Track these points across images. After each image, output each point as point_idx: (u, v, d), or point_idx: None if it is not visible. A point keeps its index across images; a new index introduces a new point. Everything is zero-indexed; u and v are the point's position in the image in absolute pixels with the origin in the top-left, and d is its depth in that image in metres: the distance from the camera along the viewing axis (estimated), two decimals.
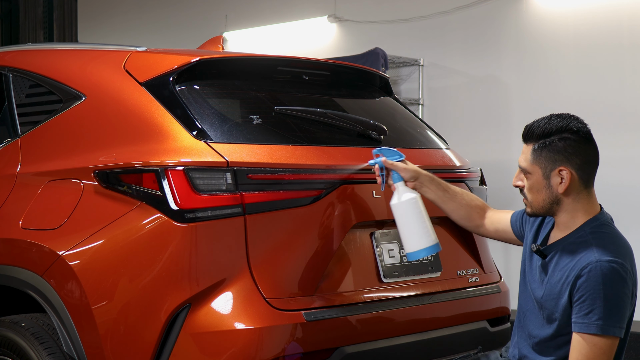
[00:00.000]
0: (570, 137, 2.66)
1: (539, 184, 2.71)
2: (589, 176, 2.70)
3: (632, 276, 2.60)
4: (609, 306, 2.53)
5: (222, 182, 2.88)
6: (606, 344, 2.54)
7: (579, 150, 2.66)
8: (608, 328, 2.53)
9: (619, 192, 6.18)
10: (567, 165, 2.66)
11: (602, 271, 2.55)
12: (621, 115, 6.21)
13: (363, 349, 3.06)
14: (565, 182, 2.66)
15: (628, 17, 6.18)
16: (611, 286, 2.54)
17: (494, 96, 6.83)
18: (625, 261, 2.58)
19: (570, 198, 2.69)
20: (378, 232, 3.26)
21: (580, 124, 2.71)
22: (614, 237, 2.67)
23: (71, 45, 4.35)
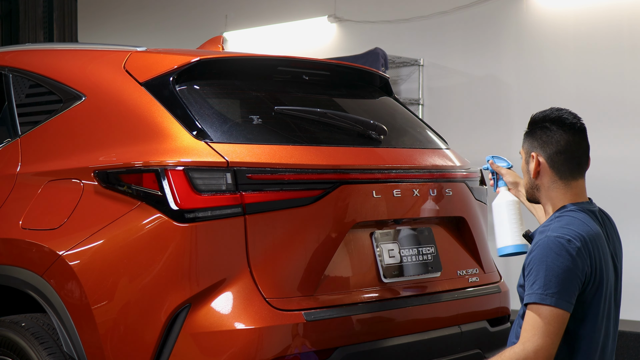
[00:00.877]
0: (551, 127, 2.78)
1: (524, 168, 2.85)
2: (564, 167, 2.77)
3: (582, 255, 2.58)
4: (549, 277, 2.55)
5: (222, 182, 2.88)
6: (549, 313, 2.52)
7: (553, 140, 2.76)
8: (546, 297, 2.53)
9: (619, 190, 6.18)
10: (539, 152, 2.77)
11: (547, 244, 2.59)
12: (621, 114, 6.21)
13: (363, 349, 3.06)
14: (533, 168, 2.77)
15: (628, 17, 6.18)
16: (554, 258, 2.56)
17: (494, 96, 6.83)
18: (575, 239, 2.58)
19: (544, 186, 2.78)
20: (378, 232, 3.26)
21: (568, 117, 2.81)
22: (574, 219, 2.68)
23: (71, 45, 4.35)
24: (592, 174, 6.43)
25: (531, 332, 2.53)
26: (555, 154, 2.76)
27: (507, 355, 2.53)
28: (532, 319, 2.55)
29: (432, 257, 3.41)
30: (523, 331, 2.56)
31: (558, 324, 2.54)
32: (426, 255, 3.40)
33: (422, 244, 3.40)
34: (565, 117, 2.80)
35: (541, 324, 2.53)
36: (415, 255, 3.36)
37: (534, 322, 2.54)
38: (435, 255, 3.43)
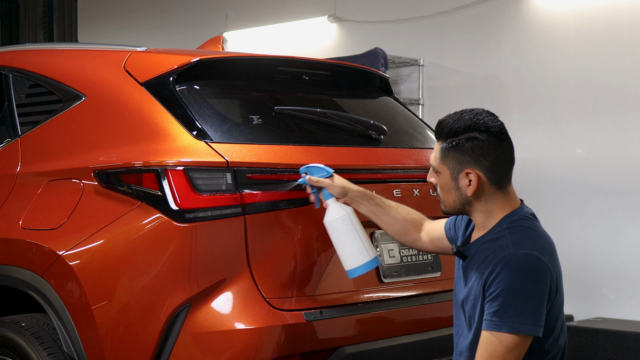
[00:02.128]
0: (479, 136, 2.49)
1: (448, 184, 2.57)
2: (502, 177, 2.53)
3: (549, 270, 2.41)
4: (520, 303, 2.36)
5: (222, 182, 2.87)
6: (515, 342, 2.36)
7: (488, 151, 2.49)
8: (519, 326, 2.36)
9: (619, 190, 6.19)
10: (474, 168, 2.50)
11: (513, 265, 2.38)
12: (621, 114, 6.21)
13: (363, 349, 3.06)
14: (473, 185, 2.51)
15: (628, 17, 6.18)
16: (523, 281, 2.37)
17: (494, 96, 6.83)
18: (541, 254, 2.41)
19: (481, 200, 2.54)
20: (378, 232, 3.26)
21: (492, 121, 2.52)
22: (531, 230, 2.49)
23: (71, 45, 4.35)
24: (592, 174, 6.45)
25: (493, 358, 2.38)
26: (494, 165, 2.50)
27: None
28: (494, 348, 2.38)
29: (432, 257, 3.41)
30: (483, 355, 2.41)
31: (521, 352, 2.40)
32: (426, 255, 3.39)
33: None
34: (490, 123, 2.50)
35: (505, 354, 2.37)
36: (415, 255, 3.36)
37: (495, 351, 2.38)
38: (435, 255, 3.43)
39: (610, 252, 6.23)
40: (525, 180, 6.59)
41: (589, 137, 6.35)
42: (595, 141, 6.33)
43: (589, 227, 6.30)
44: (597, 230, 6.27)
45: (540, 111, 6.58)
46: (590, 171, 6.33)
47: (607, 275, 6.23)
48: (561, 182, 6.43)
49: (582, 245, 6.32)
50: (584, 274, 6.32)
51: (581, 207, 6.33)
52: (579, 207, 6.34)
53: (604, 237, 6.25)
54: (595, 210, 6.28)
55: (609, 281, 6.23)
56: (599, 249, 6.27)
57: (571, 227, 6.37)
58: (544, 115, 6.56)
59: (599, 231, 6.27)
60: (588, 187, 6.33)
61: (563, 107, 6.50)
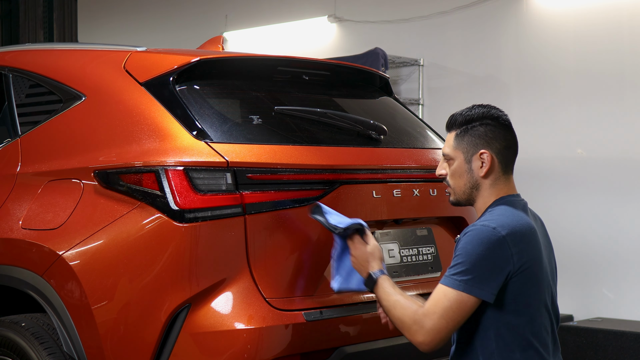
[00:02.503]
0: (491, 122, 2.74)
1: (461, 168, 2.75)
2: (508, 162, 2.75)
3: (506, 244, 2.55)
4: (467, 264, 2.54)
5: (222, 182, 2.88)
6: (455, 297, 2.54)
7: (499, 136, 2.73)
8: (459, 284, 2.54)
9: (619, 190, 6.19)
10: (487, 149, 2.72)
11: (472, 232, 2.58)
12: (621, 114, 6.21)
13: (363, 349, 3.06)
14: (487, 165, 2.71)
15: (628, 17, 6.18)
16: (474, 246, 2.55)
17: (494, 96, 6.83)
18: (502, 229, 2.57)
19: (488, 182, 2.73)
20: (378, 232, 3.26)
21: (500, 112, 2.78)
22: (506, 210, 2.67)
23: (71, 45, 4.34)
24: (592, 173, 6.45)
25: (433, 309, 2.55)
26: (504, 148, 2.74)
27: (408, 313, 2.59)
28: (439, 298, 2.56)
29: (432, 257, 3.41)
30: (427, 303, 2.58)
31: (461, 311, 2.55)
32: (426, 255, 3.40)
33: (422, 244, 3.40)
34: (500, 114, 2.77)
35: (445, 307, 2.54)
36: (415, 255, 3.36)
37: (439, 302, 2.55)
38: (435, 255, 3.43)
39: (610, 252, 6.23)
40: (526, 180, 6.59)
41: (589, 136, 6.35)
42: (595, 140, 6.33)
43: (589, 226, 6.30)
44: (597, 230, 6.27)
45: (540, 111, 6.58)
46: (590, 171, 6.33)
47: (607, 275, 6.23)
48: (561, 182, 6.43)
49: (582, 245, 6.33)
50: (584, 274, 6.32)
51: (581, 206, 6.33)
52: (579, 206, 6.34)
53: (604, 237, 6.25)
54: (596, 210, 6.28)
55: (609, 281, 6.23)
56: (599, 249, 6.27)
57: (571, 227, 6.37)
58: (544, 115, 6.56)
59: (599, 231, 6.27)
60: (588, 187, 6.33)
61: (563, 107, 6.50)
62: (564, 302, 6.48)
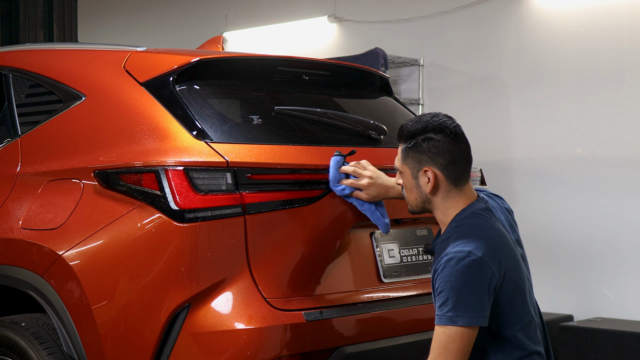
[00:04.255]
0: (434, 137, 2.67)
1: (410, 183, 2.75)
2: (457, 175, 2.70)
3: (484, 264, 2.54)
4: (456, 297, 2.52)
5: (222, 182, 2.87)
6: (456, 332, 2.52)
7: (443, 150, 2.67)
8: (457, 319, 2.52)
9: (619, 193, 6.19)
10: (431, 166, 2.68)
11: (449, 263, 2.55)
12: (621, 115, 6.21)
13: (363, 349, 3.06)
14: (431, 182, 2.68)
15: (628, 18, 6.18)
16: (457, 277, 2.53)
17: (494, 96, 6.83)
18: (476, 250, 2.54)
19: (439, 197, 2.71)
20: (378, 232, 3.26)
21: (448, 122, 2.70)
22: (474, 227, 2.63)
23: (71, 45, 4.34)
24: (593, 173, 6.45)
25: (438, 352, 2.54)
26: (450, 163, 2.68)
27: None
28: (440, 339, 2.54)
29: (432, 257, 3.41)
30: (432, 350, 2.57)
31: (468, 341, 2.54)
32: (426, 255, 3.40)
33: (422, 244, 3.40)
34: (445, 124, 2.69)
35: (450, 345, 2.53)
36: (415, 255, 3.36)
37: (442, 343, 2.54)
38: None
39: (610, 252, 6.23)
40: (526, 180, 6.59)
41: (589, 136, 6.35)
42: (595, 140, 6.33)
43: (589, 226, 6.30)
44: (597, 230, 6.27)
45: (540, 111, 6.58)
46: (590, 171, 6.33)
47: (607, 275, 6.23)
48: (561, 182, 6.43)
49: (582, 245, 6.32)
50: (584, 274, 6.32)
51: (581, 206, 6.33)
52: (579, 206, 6.34)
53: (604, 237, 6.25)
54: (595, 210, 6.27)
55: (609, 281, 6.23)
56: (599, 249, 6.27)
57: (571, 227, 6.37)
58: (544, 115, 6.56)
59: (599, 231, 6.27)
60: (588, 187, 6.33)
61: (563, 107, 6.50)
62: (564, 302, 6.49)
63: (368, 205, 3.07)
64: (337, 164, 3.04)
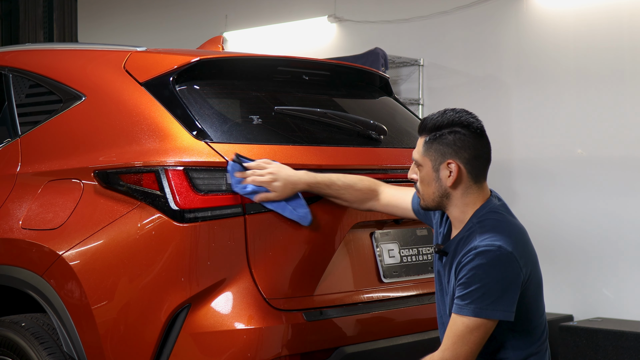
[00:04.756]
0: (461, 130, 2.65)
1: (429, 176, 2.71)
2: (479, 171, 2.69)
3: (514, 258, 2.54)
4: (484, 289, 2.51)
5: (222, 182, 2.88)
6: (476, 324, 2.52)
7: (468, 145, 2.65)
8: (481, 311, 2.51)
9: (619, 193, 6.19)
10: (455, 159, 2.65)
11: (478, 256, 2.54)
12: (621, 115, 6.21)
13: (363, 349, 3.06)
14: (453, 175, 2.66)
15: (628, 18, 6.18)
16: (488, 269, 2.52)
17: (494, 96, 6.83)
18: (505, 244, 2.54)
19: (458, 192, 2.68)
20: (378, 232, 3.26)
21: (472, 118, 2.69)
22: (498, 222, 2.63)
23: (71, 45, 4.34)
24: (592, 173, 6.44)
25: (452, 340, 2.54)
26: (473, 158, 2.67)
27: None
28: (458, 329, 2.54)
29: (432, 257, 3.41)
30: (446, 338, 2.56)
31: (483, 334, 2.54)
32: (426, 255, 3.40)
33: (422, 244, 3.40)
34: (472, 120, 2.68)
35: (466, 334, 2.53)
36: (415, 255, 3.36)
37: (457, 331, 2.53)
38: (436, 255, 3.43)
39: (610, 252, 6.23)
40: (525, 180, 6.59)
41: (589, 136, 6.35)
42: (595, 140, 6.33)
43: (589, 226, 6.30)
44: (597, 230, 6.27)
45: (540, 111, 6.58)
46: (590, 171, 6.33)
47: (607, 275, 6.23)
48: (561, 182, 6.43)
49: (582, 245, 6.32)
50: (584, 274, 6.32)
51: (581, 206, 6.33)
52: (579, 206, 6.34)
53: (604, 237, 6.24)
54: (596, 210, 6.27)
55: (609, 281, 6.23)
56: (599, 249, 6.26)
57: (571, 227, 6.36)
58: (544, 115, 6.56)
59: (599, 231, 6.26)
60: (588, 187, 6.33)
61: (563, 107, 6.49)
62: (564, 302, 6.49)
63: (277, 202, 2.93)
64: (233, 168, 2.89)
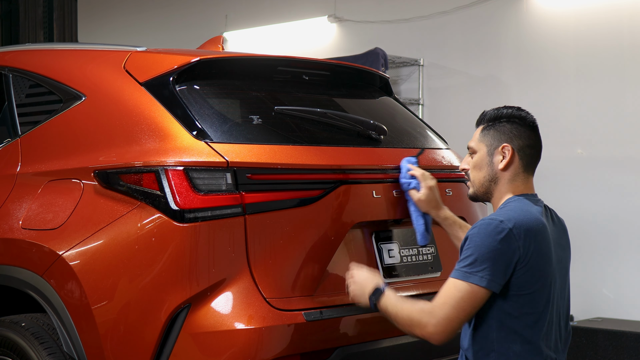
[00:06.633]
0: (517, 121, 2.84)
1: (483, 160, 2.85)
2: (529, 161, 2.82)
3: (512, 236, 2.61)
4: (477, 256, 2.60)
5: (222, 182, 2.88)
6: (466, 289, 2.60)
7: (523, 134, 2.82)
8: (469, 275, 2.60)
9: (619, 193, 6.19)
10: (510, 144, 2.81)
11: (480, 226, 2.66)
12: (621, 115, 6.21)
13: (363, 349, 3.06)
14: (507, 159, 2.80)
15: (628, 18, 6.18)
16: (482, 238, 2.62)
17: (494, 96, 6.83)
18: (508, 222, 2.63)
19: (507, 176, 2.81)
20: (378, 232, 3.26)
21: (528, 114, 2.87)
22: (516, 206, 2.73)
23: (71, 45, 4.34)
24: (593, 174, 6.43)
25: (443, 300, 2.61)
26: (526, 147, 2.82)
27: (417, 308, 2.65)
28: (449, 290, 2.62)
29: (432, 257, 3.41)
30: (438, 296, 2.64)
31: (472, 301, 2.60)
32: (426, 255, 3.40)
33: None
34: (527, 115, 2.87)
35: (456, 297, 2.60)
36: (416, 255, 3.36)
37: (449, 293, 2.61)
38: (436, 255, 3.43)
39: (610, 252, 6.23)
40: None
41: (589, 136, 6.35)
42: (595, 140, 6.33)
43: (589, 226, 6.30)
44: (597, 230, 6.27)
45: (540, 111, 6.57)
46: (590, 171, 6.33)
47: (607, 275, 6.23)
48: (561, 182, 6.43)
49: (582, 245, 6.32)
50: (584, 274, 6.32)
51: (581, 206, 6.33)
52: (579, 206, 6.34)
53: (604, 237, 6.25)
54: (596, 210, 6.27)
55: (609, 281, 6.23)
56: (599, 249, 6.27)
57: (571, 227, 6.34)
58: (544, 115, 6.55)
59: (599, 231, 6.27)
60: (588, 186, 6.33)
61: (563, 107, 6.50)
62: None
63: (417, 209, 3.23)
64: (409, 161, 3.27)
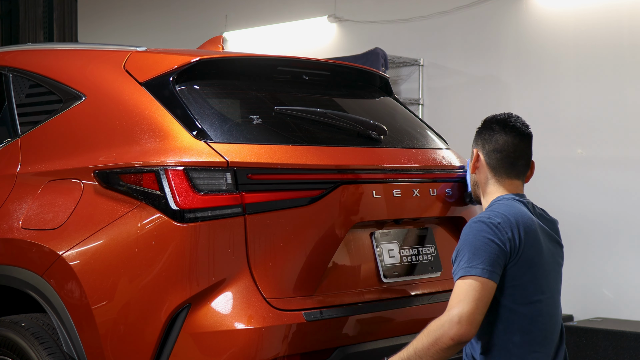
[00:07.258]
0: (495, 127, 2.91)
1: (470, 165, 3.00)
2: (497, 165, 2.89)
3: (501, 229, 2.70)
4: (472, 252, 2.68)
5: (222, 182, 2.88)
6: (473, 282, 2.64)
7: (494, 139, 2.89)
8: (468, 270, 2.66)
9: (619, 193, 6.18)
10: (478, 148, 2.93)
11: (469, 226, 2.75)
12: (621, 115, 6.21)
13: (363, 349, 3.06)
14: (472, 160, 2.93)
15: (628, 18, 6.18)
16: (474, 235, 2.71)
17: (494, 96, 6.83)
18: (495, 216, 2.73)
19: (481, 182, 2.94)
20: (378, 232, 3.26)
21: (517, 122, 2.93)
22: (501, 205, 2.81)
23: (71, 45, 4.34)
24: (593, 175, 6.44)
25: (456, 300, 2.65)
26: (492, 151, 2.89)
27: (433, 325, 2.66)
28: (458, 289, 2.66)
29: (432, 257, 3.41)
30: (450, 301, 2.68)
31: (483, 291, 2.64)
32: (426, 255, 3.40)
33: (422, 244, 3.40)
34: (511, 121, 2.92)
35: (466, 292, 2.64)
36: (415, 255, 3.36)
37: (459, 291, 2.66)
38: (435, 255, 3.43)
39: (610, 252, 6.23)
40: None
41: (589, 136, 6.35)
42: (595, 140, 6.33)
43: (589, 226, 6.30)
44: (597, 230, 6.27)
45: (540, 111, 6.58)
46: (590, 171, 6.33)
47: (607, 275, 6.23)
48: (561, 182, 6.43)
49: (582, 245, 6.32)
50: (584, 274, 6.32)
51: (581, 206, 6.33)
52: (579, 206, 6.34)
53: (604, 237, 6.25)
54: (596, 210, 6.27)
55: (609, 281, 6.23)
56: (599, 249, 6.27)
57: (571, 227, 6.36)
58: (544, 115, 6.56)
59: (599, 231, 6.27)
60: (588, 186, 6.33)
61: (563, 107, 6.50)
62: (564, 302, 6.46)
63: None
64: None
